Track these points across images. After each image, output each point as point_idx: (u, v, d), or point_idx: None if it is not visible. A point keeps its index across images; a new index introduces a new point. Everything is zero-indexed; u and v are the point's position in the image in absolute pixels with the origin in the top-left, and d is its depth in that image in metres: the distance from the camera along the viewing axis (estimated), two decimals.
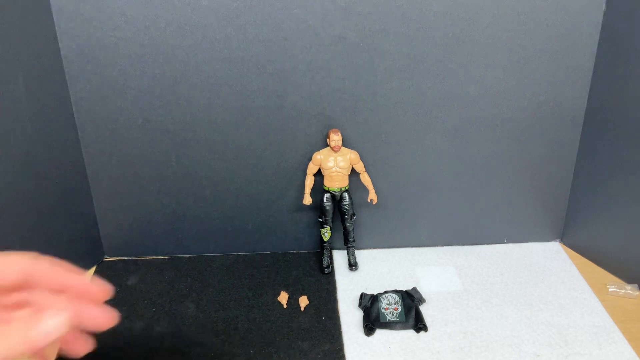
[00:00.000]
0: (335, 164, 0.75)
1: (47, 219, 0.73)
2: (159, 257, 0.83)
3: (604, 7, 0.71)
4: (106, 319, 0.38)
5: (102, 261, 0.82)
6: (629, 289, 0.75)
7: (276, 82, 0.73)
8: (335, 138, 0.73)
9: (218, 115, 0.74)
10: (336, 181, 0.76)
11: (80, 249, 0.79)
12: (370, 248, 0.85)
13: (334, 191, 0.77)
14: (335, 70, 0.72)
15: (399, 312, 0.70)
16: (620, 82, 0.72)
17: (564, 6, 0.70)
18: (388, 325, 0.69)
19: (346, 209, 0.77)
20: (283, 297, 0.73)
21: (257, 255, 0.83)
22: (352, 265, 0.80)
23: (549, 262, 0.82)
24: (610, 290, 0.75)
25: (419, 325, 0.69)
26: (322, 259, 0.80)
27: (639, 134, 0.71)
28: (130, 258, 0.82)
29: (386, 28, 0.70)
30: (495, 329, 0.69)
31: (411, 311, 0.70)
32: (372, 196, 0.78)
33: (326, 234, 0.79)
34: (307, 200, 0.77)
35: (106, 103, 0.72)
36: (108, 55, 0.70)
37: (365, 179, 0.77)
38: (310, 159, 0.76)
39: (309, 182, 0.77)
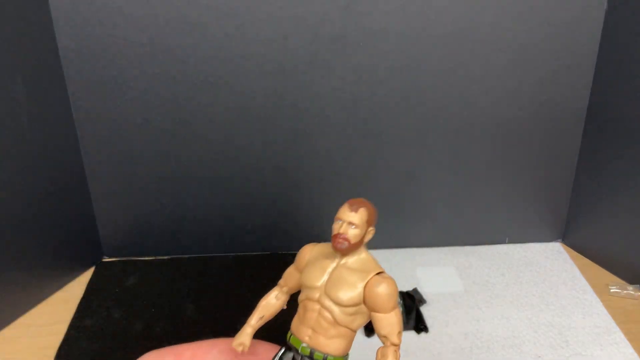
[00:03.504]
0: (326, 289, 0.37)
1: (45, 219, 0.73)
2: (159, 257, 0.83)
3: (605, 6, 0.71)
4: None
5: (101, 262, 0.81)
6: (631, 289, 0.74)
7: (276, 81, 0.72)
8: (349, 215, 0.37)
9: (218, 115, 0.74)
10: (309, 327, 0.37)
11: (78, 249, 0.79)
12: (370, 248, 0.84)
13: (299, 350, 0.37)
14: (335, 70, 0.72)
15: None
16: (622, 82, 0.72)
17: (564, 5, 0.70)
18: None
19: None
20: None
21: (256, 255, 0.83)
22: None
23: (550, 262, 0.81)
24: (612, 290, 0.75)
25: (420, 326, 0.68)
26: None
27: None
28: (129, 258, 0.82)
29: (386, 27, 0.70)
30: (496, 330, 0.69)
31: (412, 312, 0.70)
32: None
33: None
34: (238, 340, 0.40)
35: (105, 103, 0.72)
36: (107, 55, 0.69)
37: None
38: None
39: (264, 303, 0.42)
